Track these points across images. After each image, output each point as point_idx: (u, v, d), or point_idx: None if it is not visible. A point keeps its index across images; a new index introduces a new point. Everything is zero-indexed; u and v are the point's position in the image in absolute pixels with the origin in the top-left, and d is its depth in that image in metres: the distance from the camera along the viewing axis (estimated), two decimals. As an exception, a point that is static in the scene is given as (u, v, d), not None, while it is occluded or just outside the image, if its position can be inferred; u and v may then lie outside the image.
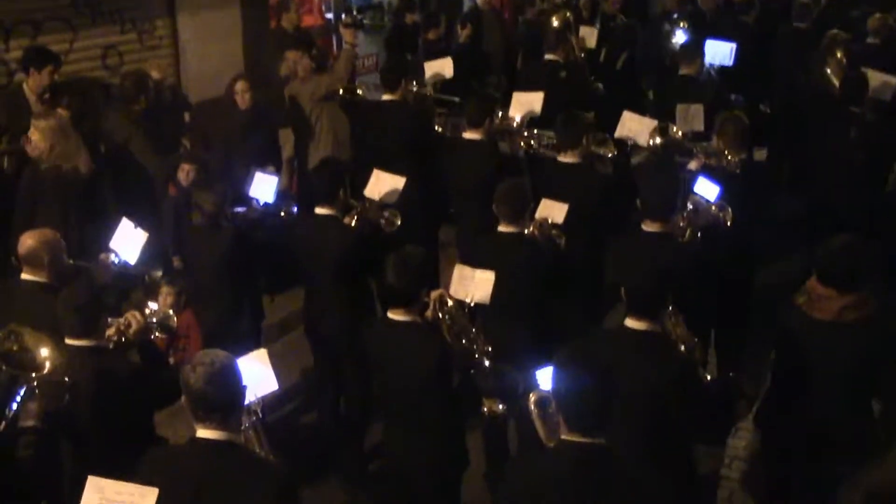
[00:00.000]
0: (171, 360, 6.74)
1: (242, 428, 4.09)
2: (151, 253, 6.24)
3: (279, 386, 4.73)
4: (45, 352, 4.32)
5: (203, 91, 9.15)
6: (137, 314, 4.97)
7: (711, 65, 9.18)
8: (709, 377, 4.88)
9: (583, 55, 9.66)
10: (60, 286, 5.32)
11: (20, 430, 4.22)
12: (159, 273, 6.47)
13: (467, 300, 5.32)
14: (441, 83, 8.77)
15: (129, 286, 6.46)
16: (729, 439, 6.60)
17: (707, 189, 6.16)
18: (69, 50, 8.47)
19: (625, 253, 5.92)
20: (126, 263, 6.05)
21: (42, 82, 7.46)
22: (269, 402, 4.76)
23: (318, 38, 10.56)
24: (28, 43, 8.13)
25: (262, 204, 6.86)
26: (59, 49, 8.30)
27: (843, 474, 5.32)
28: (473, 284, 5.36)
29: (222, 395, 3.71)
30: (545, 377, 4.30)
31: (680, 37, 10.23)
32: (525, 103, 7.88)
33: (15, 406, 4.21)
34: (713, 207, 6.10)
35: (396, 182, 6.70)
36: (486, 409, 5.01)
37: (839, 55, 9.07)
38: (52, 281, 5.42)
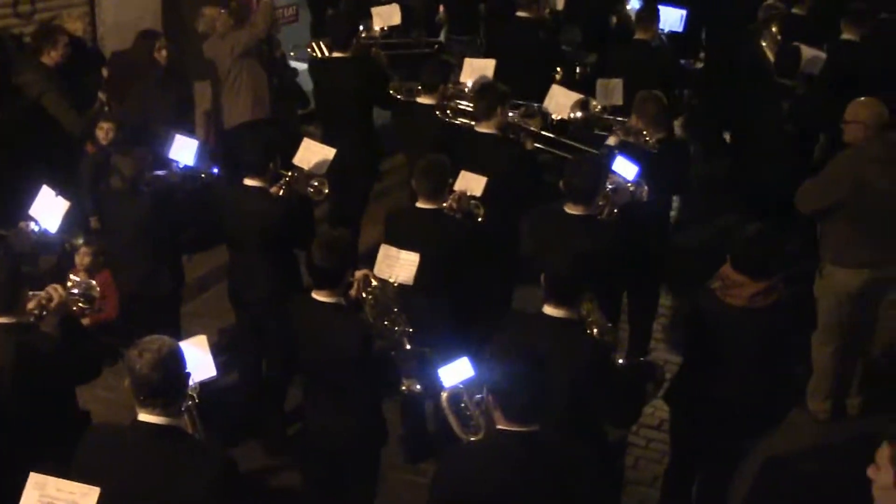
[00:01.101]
0: (87, 321, 6.72)
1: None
2: (72, 220, 6.14)
3: (217, 372, 4.73)
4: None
5: (119, 43, 8.89)
6: (59, 287, 4.91)
7: (662, 30, 9.38)
8: (620, 361, 5.03)
9: (548, 13, 9.80)
10: None
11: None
12: (80, 240, 6.39)
13: (391, 280, 5.40)
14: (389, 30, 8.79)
15: (49, 254, 6.36)
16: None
17: (625, 168, 6.25)
18: (-21, -4, 8.20)
19: (547, 236, 6.02)
20: (46, 231, 5.94)
21: None
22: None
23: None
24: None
25: (182, 167, 6.81)
26: (-33, -5, 8.08)
27: (746, 448, 5.64)
28: (398, 265, 5.44)
29: (167, 382, 3.74)
30: (448, 375, 4.47)
31: (634, 2, 10.41)
32: (478, 69, 7.87)
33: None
34: (631, 186, 6.21)
35: (326, 152, 6.71)
36: (405, 388, 5.12)
37: (774, 29, 9.31)
38: None
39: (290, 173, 6.42)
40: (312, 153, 6.69)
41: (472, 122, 7.17)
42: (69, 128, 7.62)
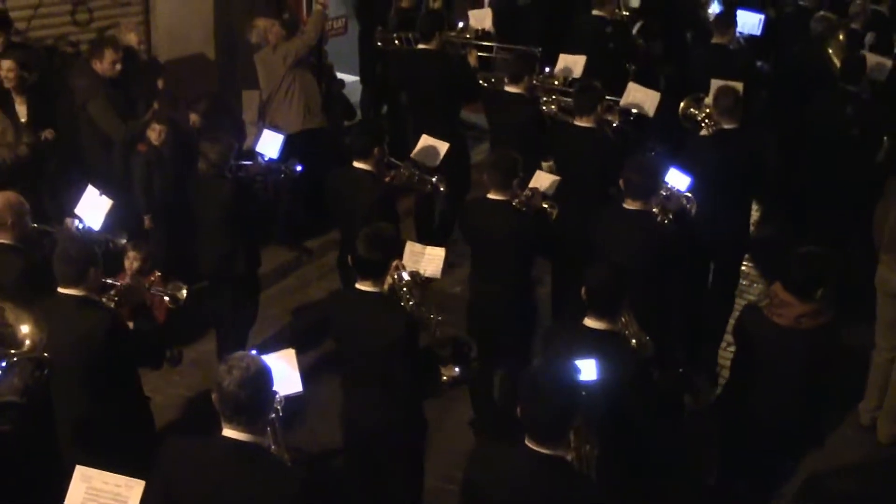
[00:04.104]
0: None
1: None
2: (115, 220, 6.36)
3: (303, 387, 4.76)
4: (25, 328, 4.36)
5: (172, 49, 9.06)
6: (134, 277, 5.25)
7: (741, 34, 9.65)
8: (657, 372, 5.07)
9: (626, 14, 10.19)
10: (24, 248, 5.56)
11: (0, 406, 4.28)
12: (123, 240, 6.52)
13: (421, 273, 5.60)
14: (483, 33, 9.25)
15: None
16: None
17: (678, 179, 6.45)
18: (39, 4, 8.33)
19: (607, 228, 6.20)
20: (90, 229, 6.15)
21: None
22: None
23: (289, -1, 10.44)
24: (-3, -5, 8.03)
25: (266, 160, 7.21)
26: (27, 3, 8.22)
27: (787, 468, 5.59)
28: (424, 260, 5.65)
29: (253, 400, 3.75)
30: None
31: (714, 7, 10.74)
32: (570, 63, 8.42)
33: (-7, 380, 4.28)
34: (683, 197, 6.37)
35: (440, 147, 7.24)
36: (444, 378, 5.28)
37: (841, 37, 9.54)
38: (15, 243, 5.55)
39: (402, 165, 7.07)
40: (429, 147, 7.25)
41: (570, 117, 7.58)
42: (111, 134, 7.74)
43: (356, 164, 6.75)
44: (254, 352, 4.16)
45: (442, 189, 7.23)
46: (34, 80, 7.64)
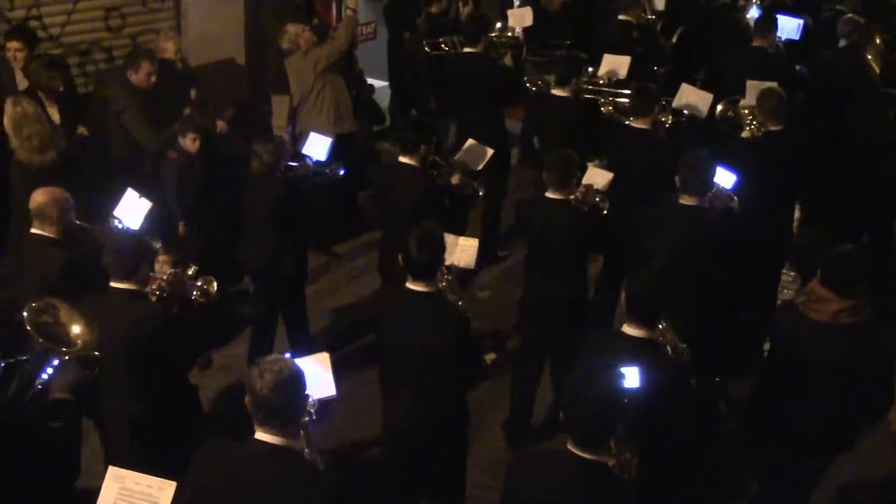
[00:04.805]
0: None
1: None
2: (154, 220, 6.48)
3: (336, 391, 4.78)
4: (77, 328, 4.48)
5: (203, 55, 9.16)
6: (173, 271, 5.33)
7: (779, 38, 9.59)
8: (693, 381, 5.07)
9: (652, 17, 10.18)
10: (66, 242, 5.70)
11: (51, 402, 4.34)
12: (157, 244, 6.59)
13: (456, 264, 5.74)
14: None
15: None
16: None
17: (724, 177, 6.54)
18: (72, 10, 8.47)
19: (663, 223, 6.26)
20: (129, 229, 6.27)
21: (15, 57, 7.55)
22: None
23: (319, 5, 10.52)
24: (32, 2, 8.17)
25: (314, 162, 7.35)
26: (61, 9, 8.34)
27: (816, 469, 5.56)
28: (458, 251, 5.77)
29: (285, 404, 3.76)
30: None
31: (753, 12, 10.67)
32: (615, 65, 8.53)
33: (45, 377, 4.35)
34: (728, 196, 6.47)
35: (485, 152, 7.43)
36: (488, 362, 5.63)
37: (878, 41, 9.42)
38: (58, 236, 5.70)
39: (446, 165, 7.25)
40: (474, 151, 7.44)
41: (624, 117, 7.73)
42: (144, 144, 7.81)
43: (402, 159, 6.88)
44: (287, 355, 4.22)
45: (480, 194, 7.35)
46: (66, 85, 7.73)
